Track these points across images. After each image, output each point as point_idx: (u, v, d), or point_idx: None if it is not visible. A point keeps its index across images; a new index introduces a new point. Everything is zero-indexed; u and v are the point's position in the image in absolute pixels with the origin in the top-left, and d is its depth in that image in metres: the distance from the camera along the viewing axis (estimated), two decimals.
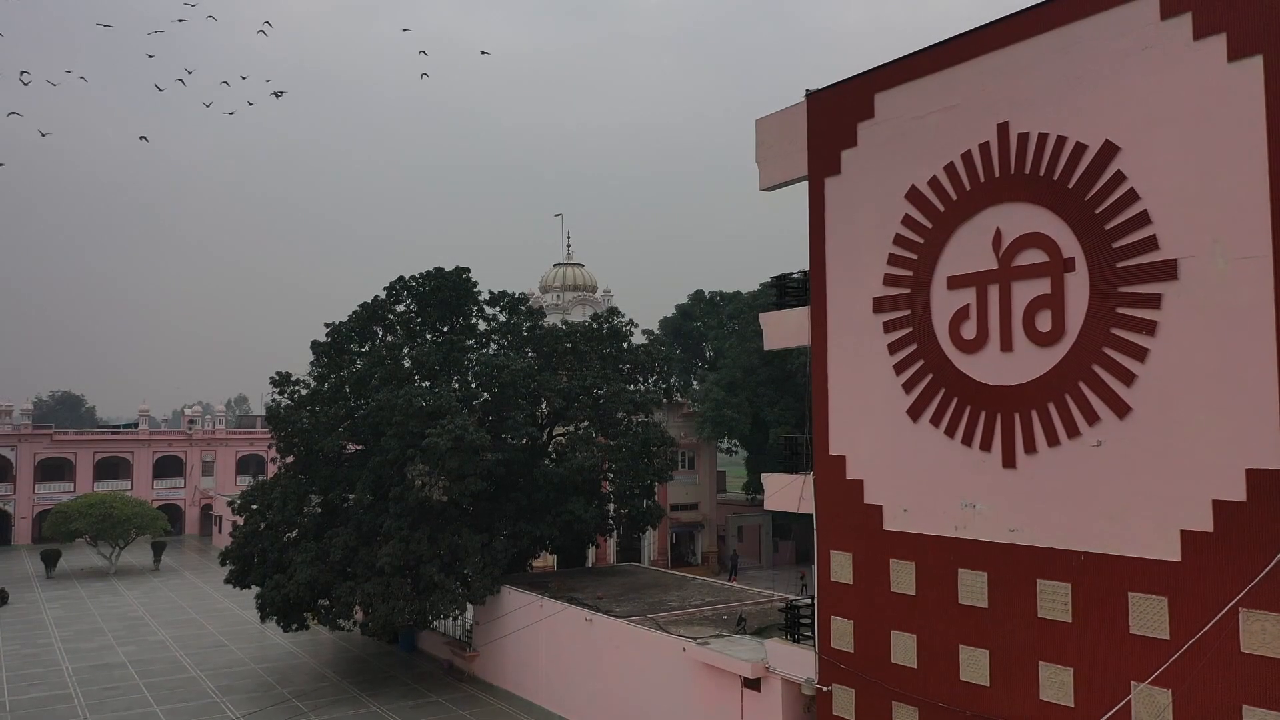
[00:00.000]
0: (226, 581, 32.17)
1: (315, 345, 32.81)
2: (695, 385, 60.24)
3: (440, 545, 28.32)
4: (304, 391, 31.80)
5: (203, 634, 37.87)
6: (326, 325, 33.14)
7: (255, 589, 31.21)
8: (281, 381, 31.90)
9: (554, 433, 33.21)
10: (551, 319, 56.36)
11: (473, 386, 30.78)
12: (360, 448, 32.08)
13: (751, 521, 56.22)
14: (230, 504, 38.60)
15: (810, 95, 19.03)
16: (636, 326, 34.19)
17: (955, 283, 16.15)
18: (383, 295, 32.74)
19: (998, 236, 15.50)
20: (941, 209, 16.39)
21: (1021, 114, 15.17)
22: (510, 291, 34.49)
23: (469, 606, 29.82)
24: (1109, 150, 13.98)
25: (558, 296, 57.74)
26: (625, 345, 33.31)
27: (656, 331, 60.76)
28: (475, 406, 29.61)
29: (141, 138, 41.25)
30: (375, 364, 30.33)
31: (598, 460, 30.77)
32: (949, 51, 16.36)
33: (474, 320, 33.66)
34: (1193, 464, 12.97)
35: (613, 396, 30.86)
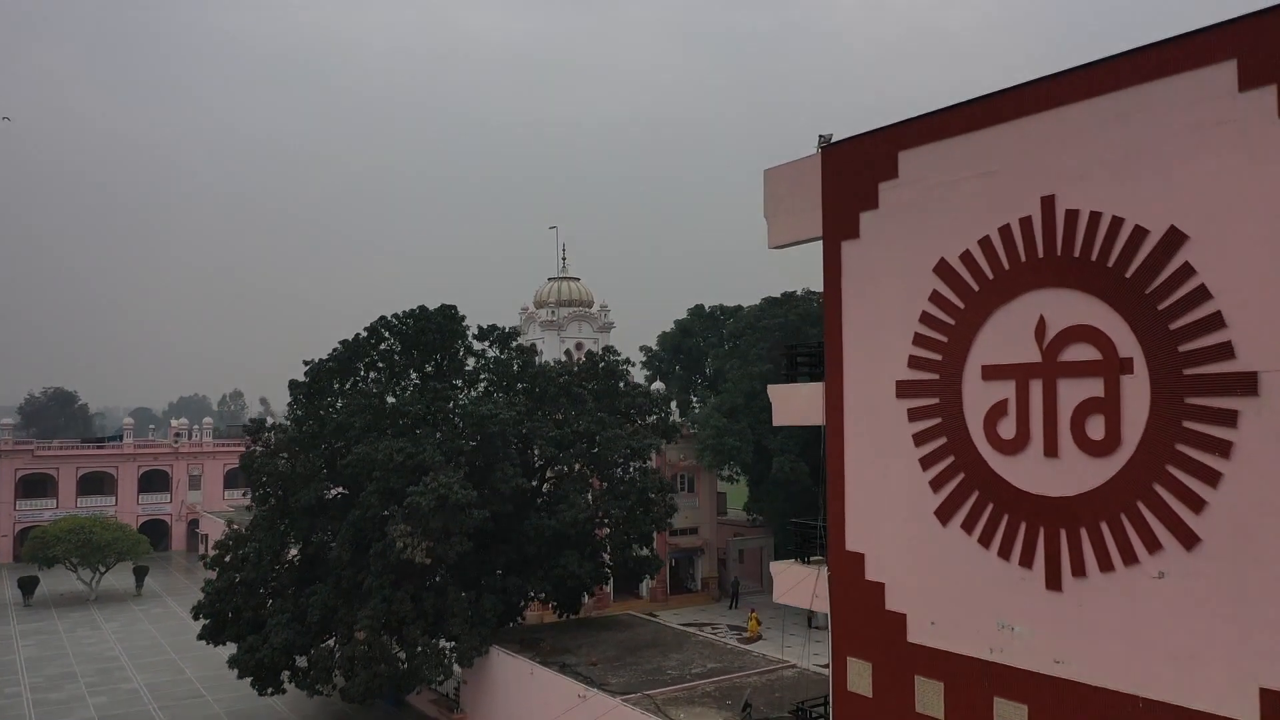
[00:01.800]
0: (200, 638, 30.33)
1: (293, 385, 30.94)
2: (694, 402, 58.42)
3: (424, 605, 26.59)
4: (280, 436, 29.82)
5: (179, 680, 36.13)
6: (306, 363, 31.31)
7: (231, 644, 29.45)
8: (255, 429, 30.00)
9: (546, 476, 31.38)
10: (546, 335, 54.55)
11: (459, 433, 28.78)
12: (342, 491, 30.23)
13: (752, 544, 54.57)
14: (202, 560, 36.78)
15: (825, 148, 17.15)
16: (633, 365, 32.40)
17: (991, 373, 14.32)
18: (364, 334, 30.79)
19: (1041, 325, 13.67)
20: (975, 288, 14.54)
21: (1071, 188, 13.31)
22: (500, 326, 32.64)
23: (455, 668, 28.08)
24: (1175, 237, 12.13)
25: (553, 312, 55.71)
26: (622, 384, 31.46)
27: (655, 348, 58.80)
28: (461, 460, 27.57)
29: (4, 118, 38.75)
30: (355, 412, 28.36)
31: (592, 511, 28.99)
32: (986, 110, 14.48)
33: (461, 358, 31.74)
34: (1274, 611, 11.19)
35: (609, 443, 29.02)
